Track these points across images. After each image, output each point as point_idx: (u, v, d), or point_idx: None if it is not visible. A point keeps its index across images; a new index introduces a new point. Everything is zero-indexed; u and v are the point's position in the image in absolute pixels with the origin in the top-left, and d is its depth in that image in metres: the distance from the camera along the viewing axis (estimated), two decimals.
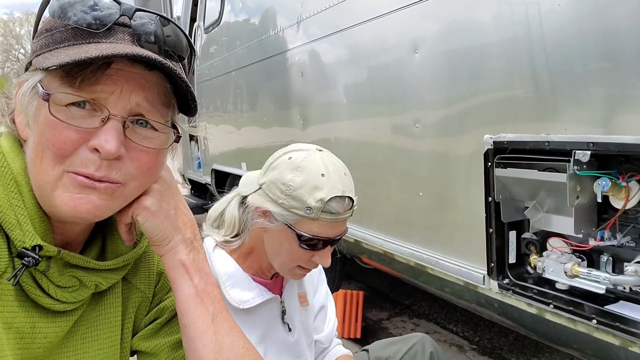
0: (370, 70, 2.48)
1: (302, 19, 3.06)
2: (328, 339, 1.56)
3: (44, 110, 0.75)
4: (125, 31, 0.78)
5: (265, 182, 1.23)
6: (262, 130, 3.87)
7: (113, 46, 0.75)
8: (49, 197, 0.77)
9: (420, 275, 2.28)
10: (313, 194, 1.18)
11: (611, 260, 1.50)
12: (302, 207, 1.18)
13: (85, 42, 0.76)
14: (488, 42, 1.75)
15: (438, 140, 2.04)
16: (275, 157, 1.26)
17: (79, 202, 0.76)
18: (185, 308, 0.91)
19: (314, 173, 1.20)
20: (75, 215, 0.77)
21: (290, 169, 1.20)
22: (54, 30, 0.77)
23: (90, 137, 0.75)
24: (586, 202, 1.47)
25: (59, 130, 0.74)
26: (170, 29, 0.82)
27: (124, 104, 0.76)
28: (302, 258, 1.26)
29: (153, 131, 0.81)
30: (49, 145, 0.74)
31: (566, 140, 1.45)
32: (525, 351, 3.09)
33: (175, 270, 0.91)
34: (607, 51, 1.37)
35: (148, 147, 0.80)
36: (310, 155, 1.23)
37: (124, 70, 0.75)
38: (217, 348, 0.91)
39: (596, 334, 1.46)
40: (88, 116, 0.75)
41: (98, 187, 0.77)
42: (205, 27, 4.96)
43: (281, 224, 1.22)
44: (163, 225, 0.88)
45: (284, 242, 1.25)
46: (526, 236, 1.72)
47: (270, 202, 1.21)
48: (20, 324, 0.77)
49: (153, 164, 0.83)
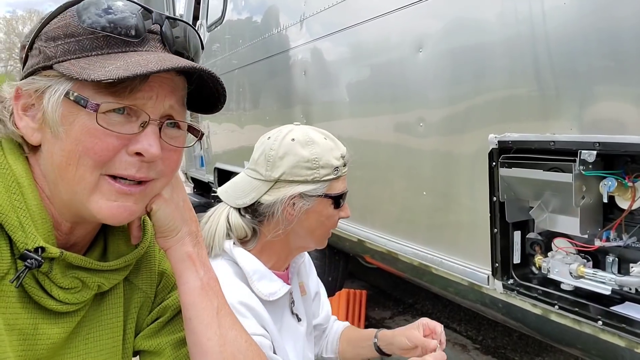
0: (374, 69, 2.47)
1: (305, 17, 3.05)
2: (327, 319, 1.62)
3: (80, 118, 0.75)
4: (156, 38, 0.82)
5: (284, 172, 1.27)
6: (265, 129, 3.84)
7: (158, 56, 0.77)
8: (85, 202, 0.78)
9: (424, 275, 2.27)
10: (333, 154, 1.30)
11: (617, 261, 1.49)
12: (332, 170, 1.29)
13: (121, 50, 0.78)
14: (492, 41, 1.74)
15: (442, 139, 2.03)
16: (276, 148, 1.28)
17: (117, 211, 0.79)
18: (191, 301, 0.92)
19: (319, 140, 1.30)
20: (112, 221, 0.81)
21: (302, 146, 1.27)
22: (79, 37, 0.77)
23: (129, 142, 0.77)
24: (592, 202, 1.46)
25: (101, 138, 0.75)
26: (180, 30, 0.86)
27: (160, 108, 0.80)
28: (334, 220, 1.35)
29: (178, 130, 0.85)
30: (88, 153, 0.75)
31: (572, 140, 1.44)
32: (528, 350, 3.08)
33: (182, 262, 0.93)
34: (613, 50, 1.35)
35: (176, 146, 0.84)
36: (301, 129, 1.33)
37: (159, 76, 0.78)
38: (221, 341, 0.92)
39: (602, 335, 1.45)
40: (126, 122, 0.77)
41: (134, 192, 0.80)
42: (207, 25, 4.96)
43: (315, 198, 1.29)
44: (174, 215, 0.91)
45: (321, 213, 1.31)
46: (531, 236, 1.71)
47: (300, 184, 1.27)
48: (23, 326, 0.77)
49: (179, 161, 0.88)
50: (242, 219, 1.31)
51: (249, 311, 1.20)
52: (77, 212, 0.81)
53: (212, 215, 1.36)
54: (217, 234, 1.29)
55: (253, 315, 1.20)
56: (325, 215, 1.32)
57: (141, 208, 0.84)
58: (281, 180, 1.27)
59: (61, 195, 0.80)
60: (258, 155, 1.32)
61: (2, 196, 0.76)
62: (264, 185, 1.29)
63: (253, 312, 1.21)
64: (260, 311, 1.22)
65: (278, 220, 1.28)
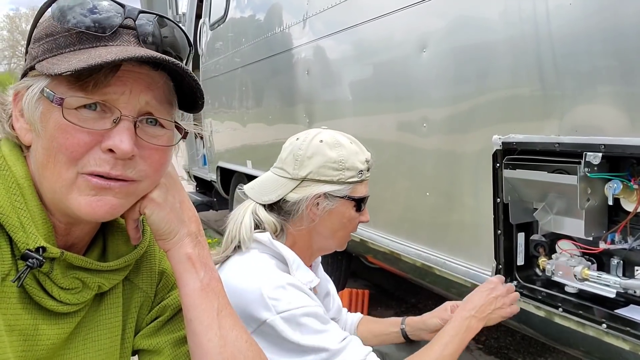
0: (377, 68, 2.46)
1: (308, 16, 3.04)
2: (339, 312, 1.68)
3: (53, 115, 0.76)
4: (130, 33, 0.80)
5: (312, 171, 1.33)
6: (268, 128, 3.85)
7: (124, 49, 0.77)
8: (64, 200, 0.78)
9: (426, 276, 2.26)
10: (358, 157, 1.36)
11: (622, 263, 1.48)
12: (356, 173, 1.35)
13: (92, 45, 0.77)
14: (496, 40, 1.73)
15: (445, 138, 2.02)
16: (304, 148, 1.35)
17: (96, 205, 0.78)
18: (191, 302, 0.92)
19: (346, 143, 1.37)
20: (93, 217, 0.80)
21: (330, 148, 1.34)
22: (56, 35, 0.78)
23: (102, 139, 0.76)
24: (597, 204, 1.45)
25: (71, 134, 0.75)
26: (168, 29, 0.85)
27: (134, 104, 0.78)
28: (355, 223, 1.42)
29: (161, 129, 0.84)
30: (61, 150, 0.75)
31: (577, 142, 1.42)
32: (531, 351, 3.07)
33: (181, 264, 0.92)
34: (618, 49, 1.34)
35: (158, 145, 0.83)
36: (329, 132, 1.40)
37: (132, 71, 0.77)
38: (221, 342, 0.91)
39: (606, 338, 1.44)
40: (99, 118, 0.77)
41: (113, 186, 0.79)
42: (210, 23, 4.95)
43: (338, 199, 1.35)
44: (169, 218, 0.90)
45: (344, 215, 1.37)
46: (535, 238, 1.70)
47: (326, 184, 1.33)
48: (24, 326, 0.77)
49: (164, 161, 0.86)
50: (270, 214, 1.36)
51: (299, 289, 1.24)
52: (63, 211, 0.81)
53: (238, 210, 1.40)
54: (242, 227, 1.33)
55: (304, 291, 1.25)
56: (347, 217, 1.38)
57: (123, 204, 0.83)
58: (308, 179, 1.33)
59: (46, 194, 0.80)
60: (286, 154, 1.38)
61: (3, 197, 0.76)
62: (291, 183, 1.34)
63: (303, 289, 1.26)
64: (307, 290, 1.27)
65: (302, 218, 1.34)
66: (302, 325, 1.18)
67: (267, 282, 1.21)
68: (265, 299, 1.18)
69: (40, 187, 0.80)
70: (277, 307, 1.17)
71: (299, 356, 1.18)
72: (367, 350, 1.26)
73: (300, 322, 1.18)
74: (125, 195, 0.82)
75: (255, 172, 4.05)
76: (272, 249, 1.32)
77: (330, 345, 1.19)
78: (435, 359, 1.31)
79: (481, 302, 1.42)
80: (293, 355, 1.18)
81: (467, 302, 1.46)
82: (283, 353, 1.19)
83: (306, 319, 1.19)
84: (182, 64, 0.79)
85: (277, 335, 1.17)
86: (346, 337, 1.24)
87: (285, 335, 1.17)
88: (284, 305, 1.18)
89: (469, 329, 1.38)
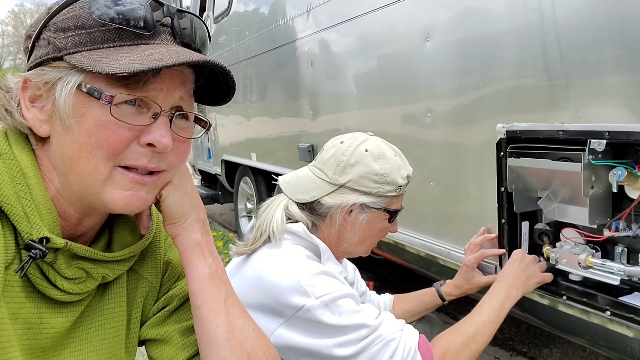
0: (381, 59, 2.46)
1: (311, 8, 3.03)
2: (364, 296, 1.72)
3: (91, 110, 0.76)
4: (167, 31, 0.83)
5: (352, 180, 1.32)
6: (272, 121, 3.86)
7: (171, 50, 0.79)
8: (98, 194, 0.79)
9: (431, 266, 2.26)
10: (400, 173, 1.35)
11: (626, 251, 1.47)
12: (395, 187, 1.35)
13: (133, 43, 0.78)
14: (501, 30, 1.72)
15: (449, 129, 2.01)
16: (348, 155, 1.33)
17: (130, 200, 0.81)
18: (199, 288, 0.93)
19: (390, 155, 1.36)
20: (126, 211, 0.83)
21: (373, 159, 1.32)
22: (90, 29, 0.77)
23: (140, 133, 0.78)
24: (601, 192, 1.45)
25: (113, 130, 0.76)
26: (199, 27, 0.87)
27: (170, 99, 0.81)
28: (385, 233, 1.44)
29: (186, 121, 0.87)
30: (101, 145, 0.76)
31: (581, 129, 1.42)
32: (536, 342, 3.07)
33: (190, 250, 0.93)
34: (624, 39, 1.33)
35: (185, 137, 0.86)
36: (375, 141, 1.37)
37: (170, 69, 0.79)
38: (229, 328, 0.92)
39: (610, 325, 1.44)
40: (137, 113, 0.78)
41: (146, 181, 0.82)
42: (214, 17, 4.95)
43: (374, 210, 1.35)
44: (183, 202, 0.92)
45: (376, 224, 1.38)
46: (539, 227, 1.70)
47: (364, 195, 1.33)
48: (27, 315, 0.78)
49: (188, 151, 0.90)
50: (302, 212, 1.37)
51: (333, 276, 1.27)
52: (88, 203, 0.82)
53: (270, 203, 1.41)
54: (274, 221, 1.34)
55: (337, 278, 1.28)
56: (379, 227, 1.39)
57: (153, 197, 0.86)
58: (346, 186, 1.32)
59: (72, 188, 0.80)
60: (328, 156, 1.36)
61: (7, 186, 0.76)
62: (328, 187, 1.34)
63: (336, 276, 1.28)
64: (339, 277, 1.30)
65: (334, 222, 1.35)
66: (341, 307, 1.21)
67: (304, 270, 1.23)
68: (303, 285, 1.20)
69: (63, 180, 0.81)
70: (315, 293, 1.20)
71: (339, 335, 1.21)
72: (402, 323, 1.30)
73: (339, 304, 1.21)
74: (155, 188, 0.85)
75: (259, 164, 4.06)
76: (306, 240, 1.33)
77: (369, 322, 1.22)
78: (477, 325, 1.34)
79: (514, 272, 1.50)
80: (334, 335, 1.21)
81: (501, 277, 1.52)
82: (324, 337, 1.21)
83: (343, 301, 1.22)
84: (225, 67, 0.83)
85: (316, 319, 1.20)
86: (380, 313, 1.29)
87: (324, 318, 1.19)
88: (321, 290, 1.21)
89: (509, 297, 1.43)
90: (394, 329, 1.25)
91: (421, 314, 1.75)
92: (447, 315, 3.43)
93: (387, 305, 1.76)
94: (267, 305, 1.23)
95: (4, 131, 0.84)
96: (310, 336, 1.21)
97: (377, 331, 1.22)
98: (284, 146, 3.62)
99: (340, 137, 1.41)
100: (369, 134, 1.41)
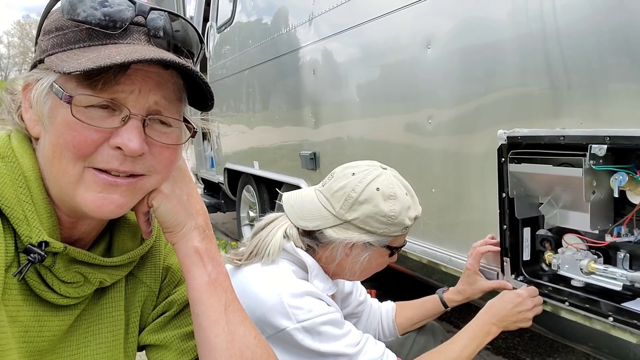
0: (382, 67, 2.47)
1: (313, 17, 3.06)
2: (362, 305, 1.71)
3: (61, 111, 0.75)
4: (140, 30, 0.79)
5: (359, 218, 1.29)
6: (274, 128, 3.87)
7: (134, 49, 0.75)
8: (71, 195, 0.78)
9: (433, 274, 2.26)
10: (408, 214, 1.31)
11: (628, 256, 1.46)
12: (401, 228, 1.32)
13: (101, 43, 0.76)
14: (502, 38, 1.73)
15: (451, 135, 2.02)
16: (358, 191, 1.29)
17: (101, 203, 0.78)
18: (198, 297, 0.91)
19: (401, 195, 1.31)
20: (99, 215, 0.79)
21: (384, 200, 1.28)
22: (66, 30, 0.77)
23: (110, 136, 0.76)
24: (602, 197, 1.44)
25: (79, 131, 0.74)
26: (179, 24, 0.83)
27: (143, 103, 0.77)
28: (384, 266, 1.41)
29: (168, 127, 0.83)
30: (68, 147, 0.75)
31: (582, 134, 1.42)
32: (540, 351, 3.05)
33: (189, 258, 0.92)
34: (627, 46, 1.33)
35: (167, 143, 0.82)
36: (387, 178, 1.32)
37: (142, 70, 0.76)
38: (229, 337, 0.91)
39: (613, 331, 1.43)
40: (107, 116, 0.76)
41: (120, 183, 0.79)
42: (217, 26, 4.98)
43: (377, 247, 1.33)
44: (176, 210, 0.89)
45: (376, 260, 1.37)
46: (541, 233, 1.69)
47: (368, 234, 1.30)
48: (25, 318, 0.78)
49: (174, 158, 0.85)
50: (302, 237, 1.35)
51: (317, 296, 1.26)
52: (69, 206, 0.81)
53: (271, 223, 1.39)
54: (272, 244, 1.32)
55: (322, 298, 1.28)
56: (379, 261, 1.38)
57: (129, 202, 0.82)
58: (352, 223, 1.29)
59: (52, 189, 0.80)
60: (338, 187, 1.32)
61: (9, 189, 0.76)
62: (332, 220, 1.31)
63: (321, 296, 1.28)
64: (324, 297, 1.29)
65: (334, 253, 1.32)
66: (322, 334, 1.21)
67: (287, 289, 1.22)
68: (286, 307, 1.19)
69: (47, 181, 0.80)
70: (297, 316, 1.19)
71: None
72: (382, 349, 1.30)
73: (320, 330, 1.21)
74: (132, 193, 0.81)
75: (262, 172, 4.06)
76: (293, 255, 1.33)
77: (348, 351, 1.22)
78: (453, 358, 1.37)
79: (504, 314, 1.48)
80: (312, 359, 1.21)
81: (491, 308, 1.51)
82: (301, 357, 1.22)
83: (325, 327, 1.22)
84: (191, 66, 0.77)
85: (296, 343, 1.20)
86: (361, 339, 1.28)
87: (304, 343, 1.19)
88: (304, 314, 1.20)
89: (489, 334, 1.45)
90: (373, 358, 1.26)
91: (424, 321, 1.74)
92: (449, 324, 3.40)
93: (389, 314, 1.75)
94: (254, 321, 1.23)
95: (7, 134, 0.84)
96: (289, 356, 1.21)
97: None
98: (286, 154, 3.63)
99: (352, 167, 1.36)
100: (382, 168, 1.36)
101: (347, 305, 1.65)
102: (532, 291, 1.56)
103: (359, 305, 1.68)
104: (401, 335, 1.73)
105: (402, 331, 1.73)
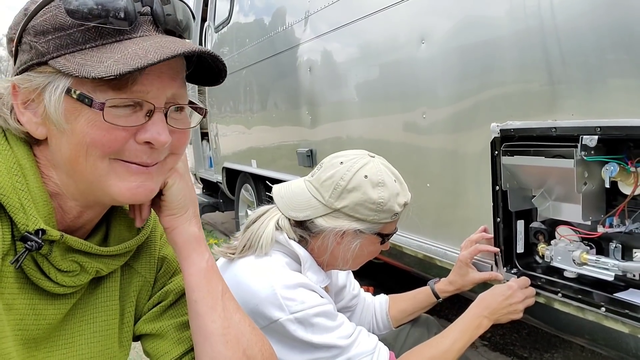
0: (379, 64, 2.47)
1: (309, 14, 3.07)
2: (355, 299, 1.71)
3: (83, 113, 0.75)
4: (147, 20, 0.79)
5: (348, 205, 1.29)
6: (272, 127, 3.87)
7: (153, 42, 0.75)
8: (104, 188, 0.79)
9: (429, 268, 2.26)
10: (397, 200, 1.32)
11: (620, 247, 1.47)
12: (391, 215, 1.32)
13: (115, 39, 0.76)
14: (499, 35, 1.72)
15: (447, 130, 2.02)
16: (347, 179, 1.30)
17: (136, 191, 0.81)
18: (196, 282, 0.93)
19: (390, 182, 1.32)
20: (133, 201, 0.84)
21: (372, 187, 1.29)
22: (69, 30, 0.74)
23: (136, 131, 0.78)
24: (594, 188, 1.45)
25: (108, 131, 0.75)
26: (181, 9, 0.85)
27: (162, 95, 0.79)
28: (376, 253, 1.42)
29: (181, 112, 0.86)
30: (96, 145, 0.76)
31: (573, 125, 1.42)
32: (537, 347, 3.05)
33: (189, 243, 0.94)
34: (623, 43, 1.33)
35: (183, 128, 0.86)
36: (375, 165, 1.32)
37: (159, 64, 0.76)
38: (225, 324, 0.92)
39: (605, 322, 1.43)
40: (131, 113, 0.77)
41: (151, 171, 0.82)
42: (215, 26, 4.99)
43: (368, 234, 1.34)
44: (185, 192, 0.92)
45: (368, 247, 1.37)
46: (534, 225, 1.70)
47: (358, 221, 1.31)
48: (21, 306, 0.78)
49: (187, 138, 0.89)
50: (294, 227, 1.36)
51: (310, 288, 1.27)
52: (94, 197, 0.83)
53: (262, 215, 1.40)
54: (264, 236, 1.33)
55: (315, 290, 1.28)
56: (371, 249, 1.39)
57: (158, 185, 0.86)
58: (341, 211, 1.30)
59: (76, 185, 0.81)
60: (326, 177, 1.32)
61: (4, 177, 0.76)
62: (322, 209, 1.32)
63: (314, 288, 1.28)
64: (317, 289, 1.30)
65: (325, 242, 1.33)
66: (314, 325, 1.22)
67: (280, 281, 1.23)
68: (279, 298, 1.20)
69: (66, 179, 0.81)
70: (290, 308, 1.20)
71: (310, 353, 1.22)
72: (375, 341, 1.30)
73: (312, 321, 1.21)
74: (161, 176, 0.86)
75: (260, 171, 4.07)
76: (286, 247, 1.33)
77: (341, 343, 1.23)
78: (444, 351, 1.37)
79: (495, 306, 1.49)
80: (304, 352, 1.22)
81: (482, 301, 1.52)
82: (294, 350, 1.22)
83: (318, 319, 1.22)
84: (213, 52, 0.80)
85: (288, 334, 1.21)
86: (354, 331, 1.29)
87: (297, 334, 1.20)
88: (296, 305, 1.21)
89: (479, 327, 1.46)
90: (365, 350, 1.26)
91: (417, 313, 1.74)
92: (447, 321, 3.41)
93: (382, 307, 1.76)
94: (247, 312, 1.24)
95: (2, 129, 0.84)
96: (282, 347, 1.22)
97: (349, 353, 1.24)
98: (284, 153, 3.64)
99: (340, 156, 1.37)
100: (370, 155, 1.37)
101: (341, 299, 1.66)
102: (522, 282, 1.57)
103: (352, 299, 1.69)
104: (395, 328, 1.73)
105: (395, 324, 1.73)
